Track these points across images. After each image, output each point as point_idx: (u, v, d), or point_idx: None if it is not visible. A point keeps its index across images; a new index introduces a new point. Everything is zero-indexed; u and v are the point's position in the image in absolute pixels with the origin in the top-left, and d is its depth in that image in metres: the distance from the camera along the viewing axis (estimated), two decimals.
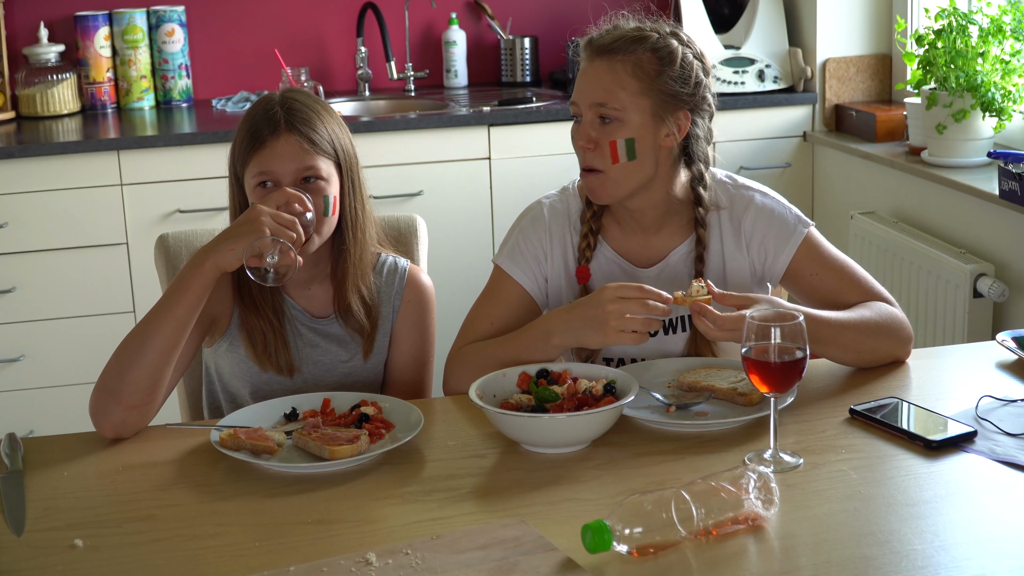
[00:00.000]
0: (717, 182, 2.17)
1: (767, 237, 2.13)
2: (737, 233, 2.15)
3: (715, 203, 2.15)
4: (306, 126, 2.06)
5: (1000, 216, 3.23)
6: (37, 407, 3.75)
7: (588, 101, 2.06)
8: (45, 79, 4.11)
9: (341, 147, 2.11)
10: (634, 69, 2.04)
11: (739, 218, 2.15)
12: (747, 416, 1.87)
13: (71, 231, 3.71)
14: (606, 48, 2.05)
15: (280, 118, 2.05)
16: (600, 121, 2.05)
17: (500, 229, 3.92)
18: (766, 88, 4.11)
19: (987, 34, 3.32)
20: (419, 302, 2.22)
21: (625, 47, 2.05)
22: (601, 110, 2.04)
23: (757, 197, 2.16)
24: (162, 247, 2.36)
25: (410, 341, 2.21)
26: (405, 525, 1.61)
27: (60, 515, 1.68)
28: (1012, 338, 2.11)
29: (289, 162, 2.04)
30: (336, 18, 4.43)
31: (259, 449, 1.80)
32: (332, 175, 2.09)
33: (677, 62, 2.05)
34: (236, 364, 2.15)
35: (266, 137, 2.04)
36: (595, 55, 2.07)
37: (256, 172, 2.05)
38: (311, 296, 2.17)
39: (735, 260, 2.15)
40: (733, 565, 1.49)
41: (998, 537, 1.54)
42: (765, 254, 2.14)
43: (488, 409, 1.83)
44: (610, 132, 2.04)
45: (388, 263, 2.21)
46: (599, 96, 2.04)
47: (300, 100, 2.09)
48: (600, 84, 2.05)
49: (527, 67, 4.45)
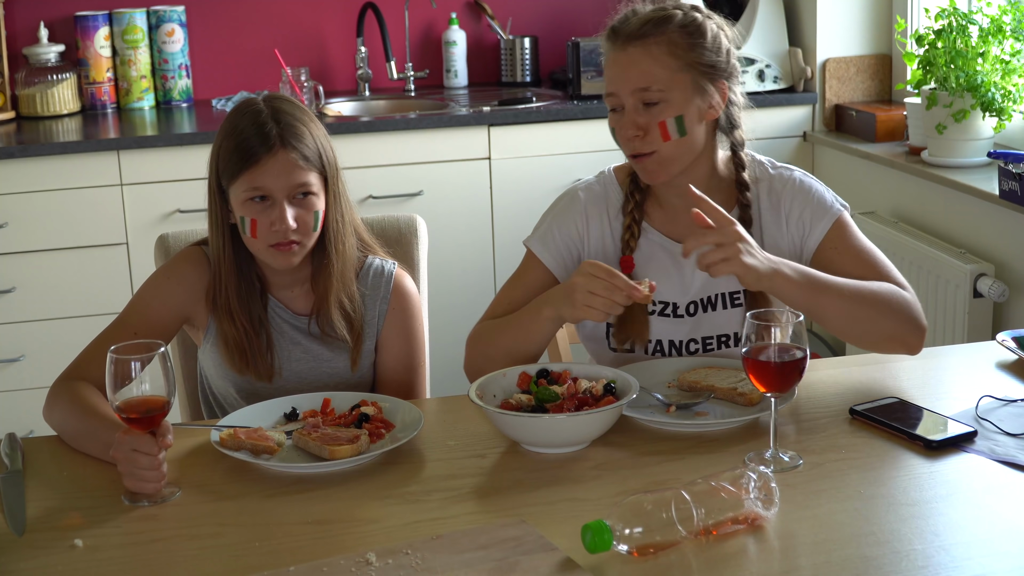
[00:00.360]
0: (756, 162, 2.19)
1: (804, 212, 2.14)
2: (777, 210, 2.15)
3: (754, 177, 2.16)
4: (299, 141, 2.04)
5: (1000, 216, 3.23)
6: (37, 407, 3.70)
7: (630, 88, 2.05)
8: (45, 79, 4.11)
9: (327, 159, 2.09)
10: (669, 48, 2.04)
11: (778, 195, 2.15)
12: (747, 416, 1.87)
13: (71, 231, 3.71)
14: (636, 34, 2.05)
15: (273, 134, 2.03)
16: (643, 106, 2.05)
17: (500, 229, 3.92)
18: (766, 88, 4.11)
19: (987, 34, 3.32)
20: (405, 307, 2.21)
21: (655, 29, 2.05)
22: (644, 95, 2.04)
23: (797, 174, 2.18)
24: (162, 247, 2.36)
25: (398, 346, 2.20)
26: (405, 525, 1.61)
27: (60, 515, 1.68)
28: (1012, 338, 2.11)
29: (284, 179, 2.03)
30: (336, 18, 4.43)
31: (259, 449, 1.80)
32: (320, 189, 2.08)
33: (708, 34, 2.07)
34: (217, 366, 2.16)
35: (260, 155, 2.02)
36: (627, 42, 2.06)
37: (248, 188, 2.04)
38: (294, 297, 2.17)
39: (775, 238, 2.15)
40: (733, 565, 1.49)
41: (998, 537, 1.54)
42: (803, 229, 2.14)
43: (488, 409, 1.83)
44: (657, 114, 2.05)
45: (374, 266, 2.20)
46: (640, 81, 2.04)
47: (289, 112, 2.07)
48: (639, 69, 2.04)
49: (527, 67, 4.45)
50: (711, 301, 2.14)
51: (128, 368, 1.68)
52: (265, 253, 2.07)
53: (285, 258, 2.06)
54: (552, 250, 2.17)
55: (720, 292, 2.14)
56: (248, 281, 2.13)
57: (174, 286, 2.12)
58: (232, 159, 2.05)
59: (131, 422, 1.70)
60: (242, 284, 2.11)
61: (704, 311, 2.14)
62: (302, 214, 2.05)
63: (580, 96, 4.08)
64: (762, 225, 2.15)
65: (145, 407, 1.70)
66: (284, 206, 2.03)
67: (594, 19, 4.88)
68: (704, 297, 2.14)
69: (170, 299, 2.11)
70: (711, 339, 2.14)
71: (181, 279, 2.12)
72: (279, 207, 2.03)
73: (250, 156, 2.03)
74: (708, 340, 2.15)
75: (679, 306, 2.14)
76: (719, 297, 2.14)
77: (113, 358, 1.68)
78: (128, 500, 1.71)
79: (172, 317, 2.11)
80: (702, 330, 2.15)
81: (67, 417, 1.93)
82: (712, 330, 2.14)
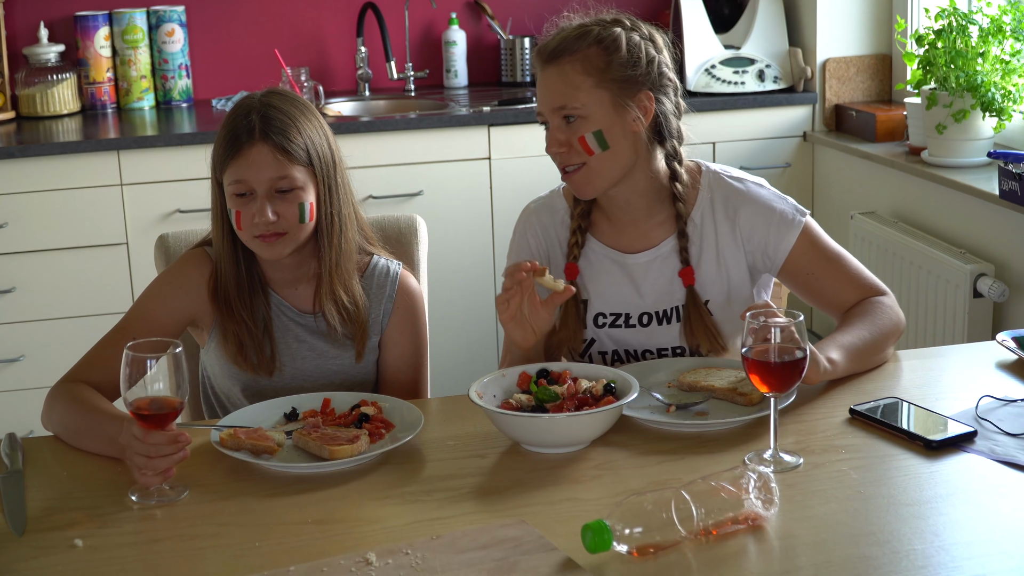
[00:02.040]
0: (710, 173, 2.18)
1: (767, 230, 2.14)
2: (733, 227, 2.15)
3: (709, 186, 2.17)
4: (280, 135, 2.04)
5: (1000, 216, 3.23)
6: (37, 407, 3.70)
7: (550, 107, 2.08)
8: (45, 79, 4.11)
9: (317, 154, 2.09)
10: (583, 66, 2.06)
11: (734, 211, 2.15)
12: (747, 416, 1.87)
13: (71, 231, 3.72)
14: (553, 53, 2.08)
15: (255, 126, 2.04)
16: (565, 122, 2.07)
17: (500, 229, 3.92)
18: (766, 88, 4.11)
19: (987, 34, 3.32)
20: (410, 307, 2.22)
21: (570, 47, 2.07)
22: (563, 112, 2.07)
23: (752, 188, 2.17)
24: (162, 247, 2.36)
25: (403, 345, 2.21)
26: (405, 525, 1.61)
27: (60, 515, 1.68)
28: (1012, 338, 2.11)
29: (263, 171, 2.04)
30: (336, 18, 4.43)
31: (259, 449, 1.80)
32: (308, 183, 2.08)
33: (623, 47, 2.07)
34: (222, 363, 2.16)
35: (242, 145, 2.04)
36: (546, 62, 2.09)
37: (232, 180, 2.05)
38: (298, 294, 2.17)
39: (732, 256, 2.15)
40: (733, 565, 1.49)
41: (998, 537, 1.54)
42: (765, 246, 2.15)
43: (488, 409, 1.83)
44: (577, 129, 2.07)
45: (380, 266, 2.21)
46: (558, 100, 2.07)
47: (277, 106, 2.08)
48: (555, 89, 2.07)
49: (527, 67, 4.45)
50: (666, 315, 2.16)
51: (144, 366, 1.69)
52: (252, 244, 2.08)
53: (271, 249, 2.07)
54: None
55: (676, 305, 2.16)
56: (249, 274, 2.13)
57: (176, 291, 2.13)
58: (220, 150, 2.08)
59: (143, 420, 1.71)
60: (241, 276, 2.13)
61: (660, 324, 2.16)
62: (284, 208, 2.05)
63: None
64: (718, 244, 2.15)
65: (158, 406, 1.70)
66: (264, 199, 2.04)
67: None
68: (660, 310, 2.16)
69: (172, 304, 2.12)
70: (666, 350, 2.17)
71: (183, 283, 2.13)
72: (259, 200, 2.04)
73: (233, 146, 2.05)
74: (663, 351, 2.17)
75: (631, 316, 2.17)
76: (673, 311, 2.16)
77: (129, 356, 1.69)
78: (136, 498, 1.71)
79: (174, 323, 2.12)
80: (656, 340, 2.17)
81: (68, 416, 1.94)
82: (669, 341, 2.16)
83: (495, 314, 3.98)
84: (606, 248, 2.18)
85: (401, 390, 2.18)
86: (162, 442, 1.70)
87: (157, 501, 1.70)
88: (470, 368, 3.76)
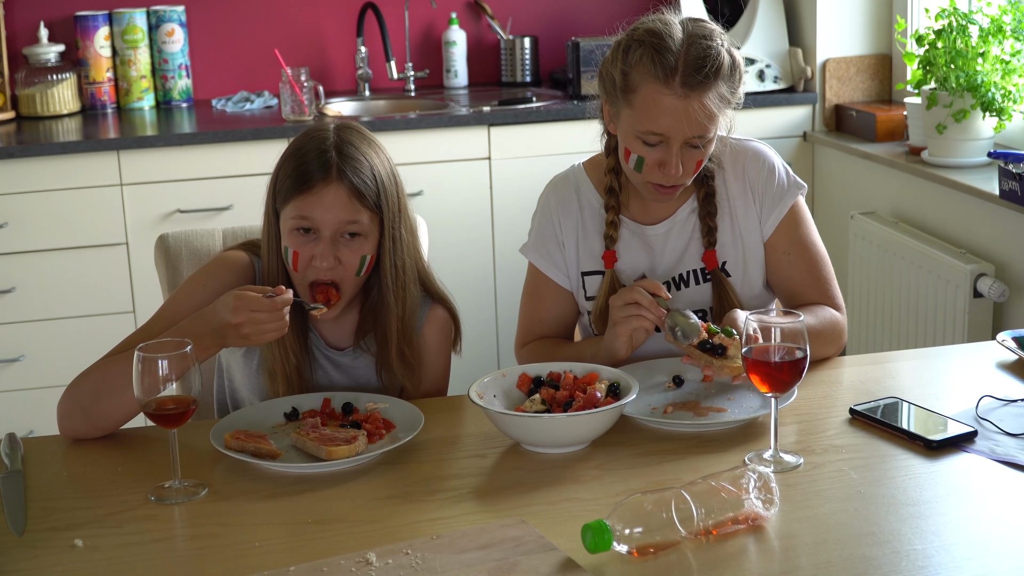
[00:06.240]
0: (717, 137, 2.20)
1: (767, 188, 2.19)
2: (743, 182, 2.20)
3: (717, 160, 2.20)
4: (357, 176, 1.97)
5: (1000, 216, 3.23)
6: (37, 407, 3.75)
7: (684, 136, 2.05)
8: (45, 79, 4.11)
9: (386, 199, 2.02)
10: (720, 97, 2.05)
11: (743, 167, 2.20)
12: (747, 416, 1.87)
13: (71, 231, 3.71)
14: (693, 82, 2.02)
15: (333, 164, 1.97)
16: (689, 147, 2.07)
17: (500, 229, 3.92)
18: (766, 88, 4.11)
19: (987, 34, 3.32)
20: (437, 339, 2.16)
21: (711, 78, 2.03)
22: (695, 140, 2.06)
23: (756, 144, 2.23)
24: (162, 247, 2.36)
25: (427, 372, 2.15)
26: (405, 525, 1.61)
27: (60, 515, 1.68)
28: (1012, 338, 2.11)
29: (334, 213, 1.96)
30: (336, 18, 4.43)
31: (262, 453, 1.80)
32: (372, 230, 2.01)
33: (740, 70, 2.09)
34: (249, 376, 2.11)
35: (315, 182, 1.96)
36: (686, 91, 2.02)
37: (296, 215, 1.97)
38: (332, 325, 2.11)
39: (746, 215, 2.20)
40: (733, 565, 1.49)
41: (998, 537, 1.54)
42: (763, 204, 2.19)
43: (488, 409, 1.83)
44: (699, 153, 2.09)
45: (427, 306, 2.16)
46: (698, 130, 2.05)
47: (355, 144, 2.01)
48: (694, 120, 2.03)
49: (527, 67, 4.45)
50: (683, 278, 2.20)
51: (156, 366, 1.69)
52: (304, 291, 2.01)
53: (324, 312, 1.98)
54: (547, 256, 2.23)
55: (690, 269, 2.20)
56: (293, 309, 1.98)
57: (210, 295, 1.99)
58: (288, 182, 1.99)
59: (159, 419, 1.72)
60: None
61: (678, 288, 2.20)
62: (347, 255, 1.98)
63: (580, 96, 4.08)
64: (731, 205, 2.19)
65: (171, 404, 1.71)
66: (328, 243, 1.97)
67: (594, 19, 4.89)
68: (676, 275, 2.20)
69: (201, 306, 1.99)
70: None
71: (219, 287, 2.01)
72: (324, 242, 1.97)
73: (305, 181, 1.97)
74: None
75: None
76: (690, 274, 2.19)
77: (141, 356, 1.69)
78: (155, 498, 1.71)
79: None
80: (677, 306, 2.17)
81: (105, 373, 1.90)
82: (686, 305, 2.18)
83: (495, 314, 4.00)
84: (633, 224, 2.22)
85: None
86: (271, 308, 1.83)
87: (176, 501, 1.70)
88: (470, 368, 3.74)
